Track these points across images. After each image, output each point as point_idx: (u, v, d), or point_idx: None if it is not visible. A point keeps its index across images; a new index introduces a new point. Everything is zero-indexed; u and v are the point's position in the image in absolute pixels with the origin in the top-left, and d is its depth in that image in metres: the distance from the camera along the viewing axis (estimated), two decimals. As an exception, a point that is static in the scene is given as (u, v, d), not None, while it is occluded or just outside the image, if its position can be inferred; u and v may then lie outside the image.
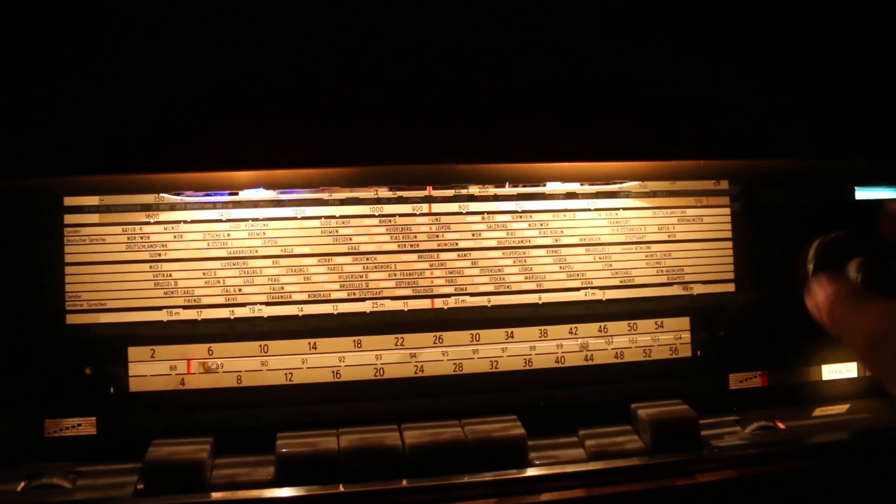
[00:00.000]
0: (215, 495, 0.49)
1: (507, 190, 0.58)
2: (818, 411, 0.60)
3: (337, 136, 0.52)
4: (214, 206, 0.55)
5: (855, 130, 0.59)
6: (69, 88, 0.50)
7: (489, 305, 0.57)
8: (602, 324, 0.58)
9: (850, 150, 0.59)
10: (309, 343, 0.55)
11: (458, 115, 0.54)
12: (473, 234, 0.57)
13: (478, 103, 0.54)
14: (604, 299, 0.58)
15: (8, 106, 0.49)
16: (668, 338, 0.59)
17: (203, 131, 0.51)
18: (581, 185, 0.59)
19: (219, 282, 0.54)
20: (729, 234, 0.60)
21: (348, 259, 0.56)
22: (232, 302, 0.54)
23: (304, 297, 0.55)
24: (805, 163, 0.61)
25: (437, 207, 0.57)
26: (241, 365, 0.54)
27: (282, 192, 0.55)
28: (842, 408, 0.61)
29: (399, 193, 0.56)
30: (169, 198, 0.54)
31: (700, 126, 0.57)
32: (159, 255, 0.54)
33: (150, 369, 0.54)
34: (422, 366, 0.56)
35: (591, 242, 0.58)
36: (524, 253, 0.57)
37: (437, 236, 0.57)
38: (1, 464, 0.51)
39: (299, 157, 0.53)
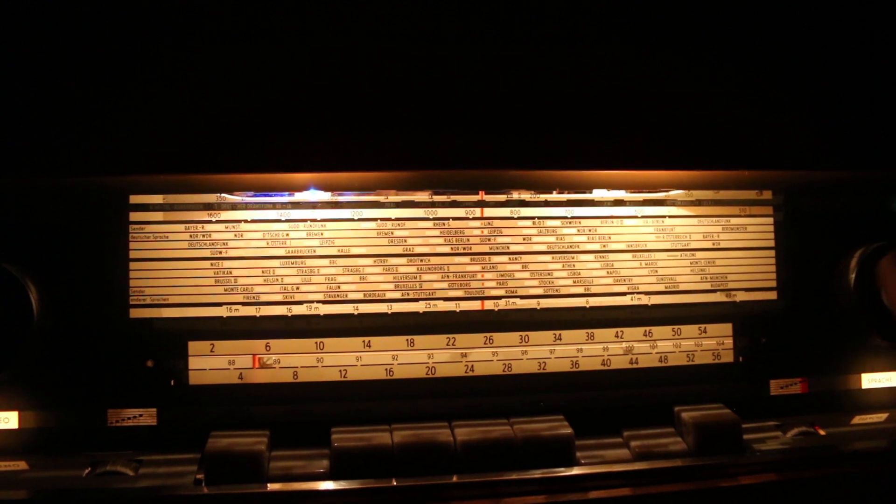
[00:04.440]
0: (272, 486, 0.50)
1: (557, 196, 0.59)
2: (857, 419, 0.61)
3: (393, 140, 0.53)
4: (274, 206, 0.56)
5: (897, 142, 0.60)
6: (137, 91, 0.51)
7: (538, 308, 0.58)
8: (647, 328, 0.60)
9: (893, 160, 0.60)
10: (363, 341, 0.57)
11: (510, 122, 0.55)
12: (524, 239, 0.58)
13: (529, 112, 0.55)
14: (649, 304, 0.60)
15: (79, 107, 0.51)
16: (711, 343, 0.60)
17: (264, 134, 0.52)
18: (628, 192, 0.60)
19: (277, 280, 0.56)
20: (772, 243, 0.61)
21: (403, 260, 0.57)
22: (290, 300, 0.56)
23: (360, 296, 0.57)
24: (847, 173, 0.62)
25: (489, 212, 0.58)
26: (297, 361, 0.56)
27: (339, 194, 0.57)
28: (881, 416, 0.61)
29: (452, 197, 0.58)
30: (230, 198, 0.56)
31: (745, 137, 0.57)
32: (220, 252, 0.56)
33: (209, 363, 0.55)
34: (472, 365, 0.58)
35: (638, 249, 0.60)
36: (573, 258, 0.59)
37: (489, 240, 0.58)
38: (66, 450, 0.53)
39: (356, 161, 0.54)
